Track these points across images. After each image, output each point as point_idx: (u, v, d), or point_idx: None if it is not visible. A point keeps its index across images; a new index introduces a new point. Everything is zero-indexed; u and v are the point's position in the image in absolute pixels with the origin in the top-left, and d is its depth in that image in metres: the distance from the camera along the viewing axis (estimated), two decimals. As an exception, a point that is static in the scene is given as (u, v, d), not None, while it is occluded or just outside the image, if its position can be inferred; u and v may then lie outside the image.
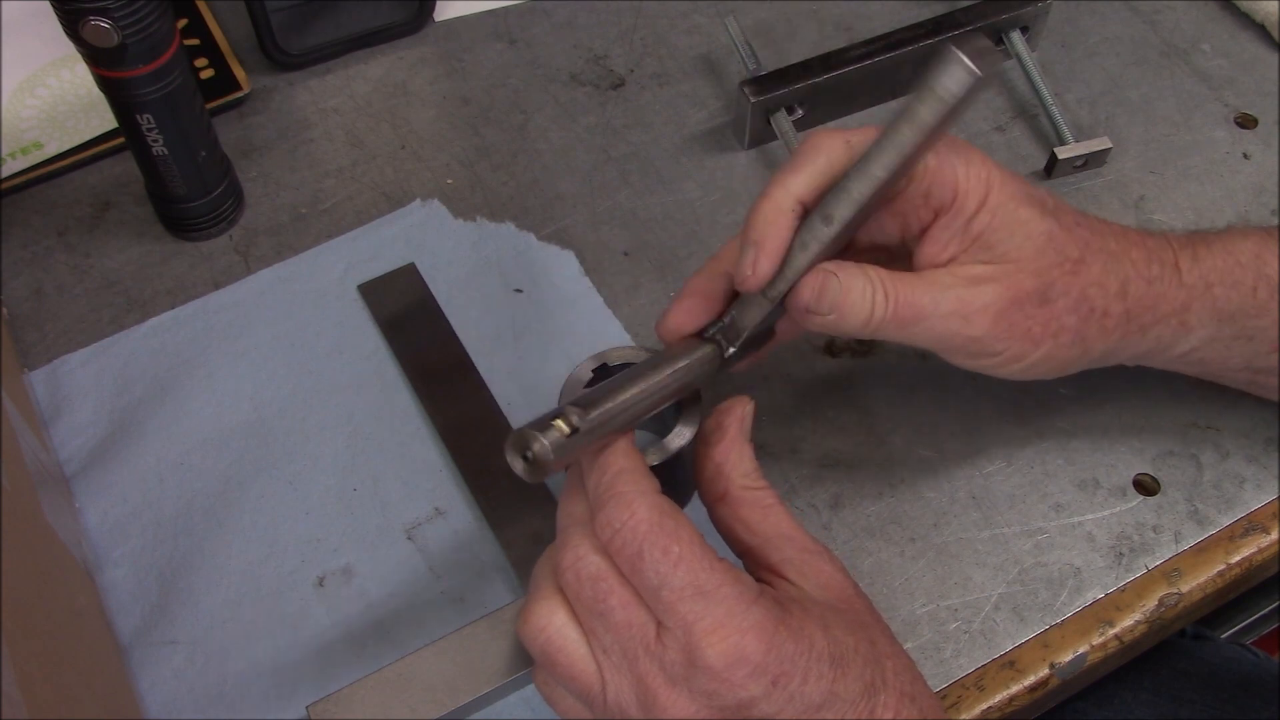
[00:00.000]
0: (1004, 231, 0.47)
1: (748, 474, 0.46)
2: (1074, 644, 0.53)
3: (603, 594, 0.41)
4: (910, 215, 0.48)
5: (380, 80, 0.72)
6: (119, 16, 0.53)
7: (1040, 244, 0.47)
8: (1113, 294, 0.48)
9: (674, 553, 0.40)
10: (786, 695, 0.40)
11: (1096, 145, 0.66)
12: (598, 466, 0.43)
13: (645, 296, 0.63)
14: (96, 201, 0.67)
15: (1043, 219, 0.47)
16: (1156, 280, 0.49)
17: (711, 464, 0.46)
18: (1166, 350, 0.51)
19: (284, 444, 0.58)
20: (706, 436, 0.47)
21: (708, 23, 0.74)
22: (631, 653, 0.41)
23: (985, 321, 0.47)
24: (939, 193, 0.47)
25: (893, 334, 0.47)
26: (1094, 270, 0.48)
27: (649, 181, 0.67)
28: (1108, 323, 0.49)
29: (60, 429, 0.58)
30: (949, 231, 0.47)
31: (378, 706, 0.49)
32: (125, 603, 0.53)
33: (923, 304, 0.46)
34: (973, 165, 0.47)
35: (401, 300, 0.62)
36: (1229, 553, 0.55)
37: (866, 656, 0.42)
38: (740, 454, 0.46)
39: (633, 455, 0.44)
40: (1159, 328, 0.50)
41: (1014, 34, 0.70)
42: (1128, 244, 0.50)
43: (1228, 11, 0.74)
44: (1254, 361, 0.51)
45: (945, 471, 0.57)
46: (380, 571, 0.54)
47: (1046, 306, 0.47)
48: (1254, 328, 0.50)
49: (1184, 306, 0.50)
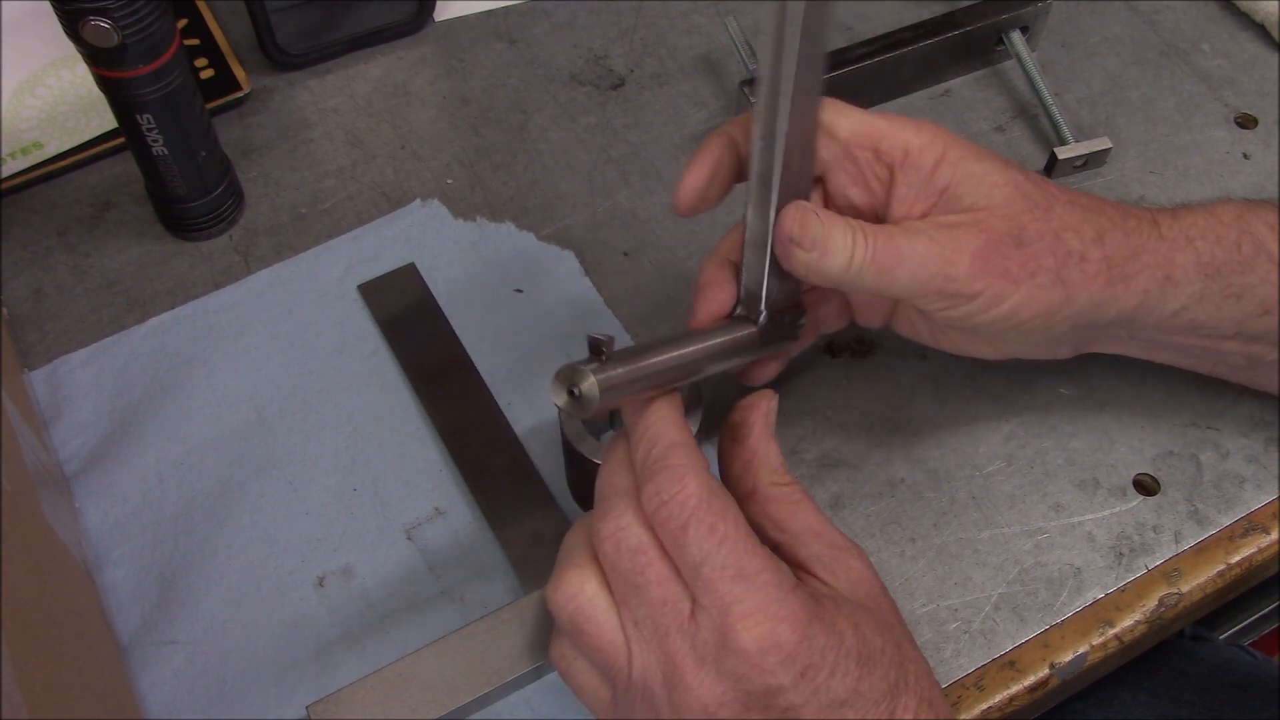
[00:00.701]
0: (969, 183, 0.49)
1: (775, 469, 0.46)
2: (1074, 644, 0.53)
3: (641, 566, 0.41)
4: (868, 173, 0.50)
5: (380, 80, 0.72)
6: (119, 16, 0.53)
7: (1008, 192, 0.49)
8: (1089, 240, 0.49)
9: (719, 531, 0.40)
10: (813, 687, 0.40)
11: (1096, 145, 0.66)
12: (648, 437, 0.43)
13: (645, 296, 0.63)
14: (96, 201, 0.67)
15: (1005, 170, 0.49)
16: (1134, 232, 0.50)
17: (739, 461, 0.46)
18: (1156, 309, 0.50)
19: (284, 444, 0.58)
20: (732, 433, 0.47)
21: (708, 23, 0.74)
22: (663, 628, 0.41)
23: (963, 261, 0.47)
24: (889, 149, 0.49)
25: (873, 279, 0.48)
26: (1067, 216, 0.49)
27: (649, 181, 0.67)
28: (1088, 267, 0.49)
29: (60, 429, 0.58)
30: (914, 189, 0.49)
31: (378, 706, 0.49)
32: (125, 603, 0.53)
33: (901, 247, 0.48)
34: (924, 127, 0.50)
35: (401, 300, 0.62)
36: (1229, 553, 0.55)
37: (892, 658, 0.42)
38: (767, 450, 0.46)
39: (685, 430, 0.44)
40: (1143, 278, 0.50)
41: (1014, 34, 0.70)
42: (1101, 202, 0.51)
43: (1228, 11, 0.74)
44: (1246, 325, 0.51)
45: (945, 471, 0.57)
46: (380, 571, 0.54)
47: (1022, 248, 0.48)
48: (1242, 285, 0.50)
49: (1167, 259, 0.50)
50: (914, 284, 0.48)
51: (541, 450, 0.57)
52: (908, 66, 0.69)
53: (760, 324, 0.51)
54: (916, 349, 0.60)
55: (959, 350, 0.55)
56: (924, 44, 0.68)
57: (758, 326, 0.51)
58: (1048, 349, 0.54)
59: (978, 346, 0.54)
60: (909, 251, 0.47)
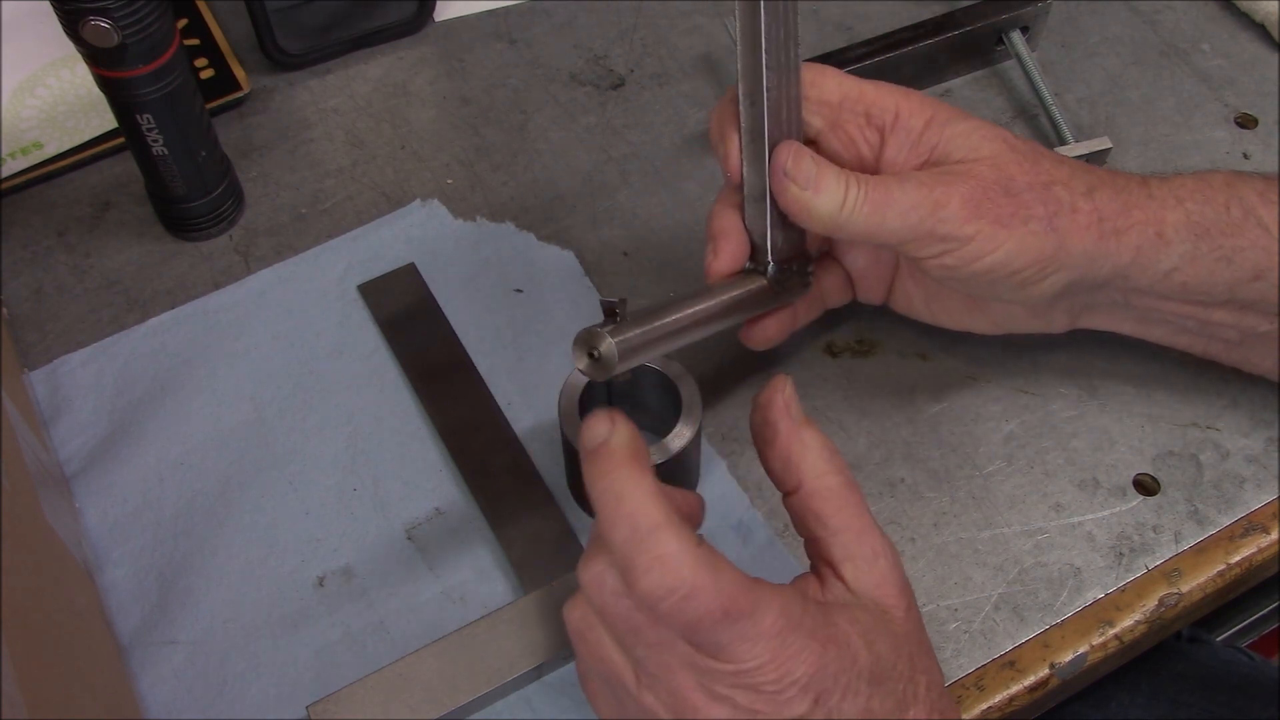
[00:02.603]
0: (958, 140, 0.50)
1: (817, 461, 0.44)
2: (1074, 644, 0.53)
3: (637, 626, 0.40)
4: (859, 137, 0.52)
5: (380, 80, 0.72)
6: (119, 16, 0.53)
7: (996, 146, 0.50)
8: (1079, 193, 0.50)
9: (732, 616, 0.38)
10: (825, 711, 0.40)
11: (1096, 145, 0.66)
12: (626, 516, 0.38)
13: (645, 296, 0.63)
14: (96, 201, 0.67)
15: (991, 127, 0.51)
16: (1124, 190, 0.51)
17: (777, 462, 0.44)
18: (1149, 267, 0.51)
19: (284, 444, 0.58)
20: (760, 436, 0.45)
21: (708, 23, 0.74)
22: (667, 665, 0.40)
23: (953, 202, 0.48)
24: (879, 113, 0.51)
25: (865, 220, 0.49)
26: (1055, 171, 0.50)
27: (649, 181, 0.67)
28: (1079, 218, 0.49)
29: (60, 429, 0.58)
30: (904, 149, 0.51)
31: (378, 706, 0.49)
32: (125, 603, 0.53)
33: (892, 189, 0.49)
34: (912, 95, 0.51)
35: (401, 300, 0.62)
36: (1229, 553, 0.55)
37: (903, 672, 0.42)
38: (803, 443, 0.44)
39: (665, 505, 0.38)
40: (1134, 233, 0.50)
41: (1014, 34, 0.70)
42: (1088, 165, 0.52)
43: (1228, 11, 0.74)
44: (1237, 290, 0.51)
45: (945, 471, 0.57)
46: (380, 571, 0.54)
47: (1012, 197, 0.49)
48: (1231, 247, 0.50)
49: (1158, 217, 0.50)
50: (905, 227, 0.49)
51: (541, 450, 0.57)
52: (908, 66, 0.69)
53: (770, 275, 0.52)
54: (916, 349, 0.60)
55: (955, 323, 0.56)
56: (924, 44, 0.68)
57: (767, 278, 0.52)
58: (1043, 317, 0.54)
59: (973, 317, 0.55)
60: (900, 193, 0.49)
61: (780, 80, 0.49)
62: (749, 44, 0.48)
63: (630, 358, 0.46)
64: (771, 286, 0.52)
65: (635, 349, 0.46)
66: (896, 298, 0.57)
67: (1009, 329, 0.56)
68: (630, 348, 0.46)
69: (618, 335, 0.46)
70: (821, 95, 0.51)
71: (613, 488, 0.38)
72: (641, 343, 0.47)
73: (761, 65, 0.48)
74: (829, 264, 0.57)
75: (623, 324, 0.47)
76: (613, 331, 0.46)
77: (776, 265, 0.52)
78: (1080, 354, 0.59)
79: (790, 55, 0.49)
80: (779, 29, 0.48)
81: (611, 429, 0.40)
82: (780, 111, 0.50)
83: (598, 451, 0.39)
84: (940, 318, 0.56)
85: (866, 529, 0.44)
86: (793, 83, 0.50)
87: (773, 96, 0.49)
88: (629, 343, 0.46)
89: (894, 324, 0.60)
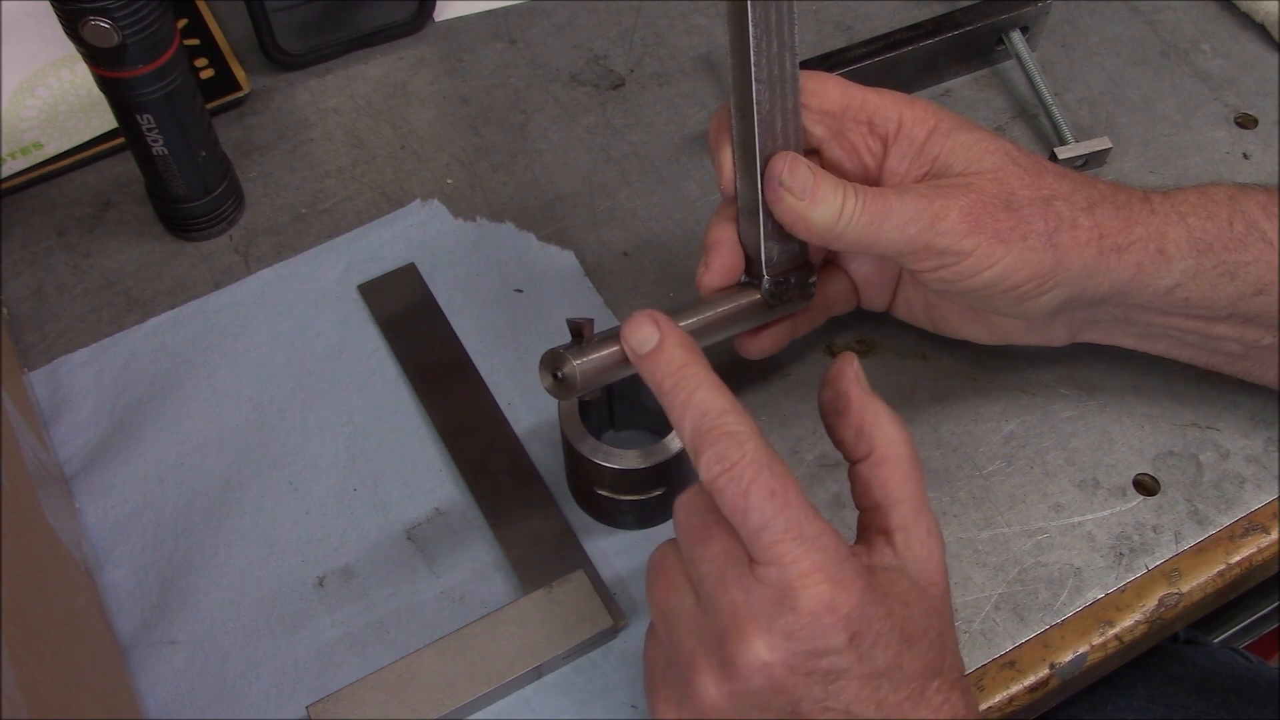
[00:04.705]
0: (959, 152, 0.50)
1: (891, 427, 0.45)
2: (1074, 644, 0.53)
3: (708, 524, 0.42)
4: (860, 146, 0.51)
5: (380, 80, 0.72)
6: (119, 16, 0.53)
7: (998, 159, 0.50)
8: (1080, 208, 0.50)
9: (780, 497, 0.40)
10: (858, 654, 0.40)
11: (1096, 145, 0.66)
12: (695, 406, 0.42)
13: (645, 296, 0.63)
14: (96, 201, 0.67)
15: (996, 139, 0.50)
16: (1125, 205, 0.50)
17: (850, 430, 0.45)
18: (1150, 284, 0.50)
19: (284, 444, 0.58)
20: (832, 407, 0.46)
21: (708, 23, 0.74)
22: (723, 580, 0.41)
23: (951, 215, 0.48)
24: (882, 122, 0.51)
25: (862, 231, 0.48)
26: (1057, 185, 0.50)
27: (649, 181, 0.67)
28: (1079, 234, 0.49)
29: (60, 429, 0.58)
30: (906, 159, 0.51)
31: (378, 706, 0.49)
32: (125, 603, 0.53)
33: (890, 201, 0.48)
34: (915, 104, 0.51)
35: (401, 300, 0.62)
36: (1229, 553, 0.55)
37: (933, 641, 0.42)
38: (876, 413, 0.45)
39: (730, 394, 0.43)
40: (1136, 250, 0.50)
41: (1014, 34, 0.70)
42: (1091, 178, 0.52)
43: (1228, 11, 0.74)
44: (1240, 305, 0.51)
45: (945, 471, 0.57)
46: (380, 571, 0.54)
47: (1012, 212, 0.49)
48: (1234, 262, 0.50)
49: (1160, 233, 0.50)
50: (903, 239, 0.48)
51: (541, 450, 0.57)
52: (908, 66, 0.69)
53: (765, 289, 0.51)
54: (916, 349, 0.60)
55: (955, 332, 0.55)
56: (924, 44, 0.68)
57: (762, 291, 0.52)
58: (1042, 331, 0.54)
59: (973, 327, 0.55)
60: (898, 205, 0.48)
61: (773, 93, 0.48)
62: (739, 59, 0.48)
63: (594, 380, 0.45)
64: (766, 300, 0.52)
65: (600, 370, 0.45)
66: (898, 305, 0.57)
67: (1009, 340, 0.56)
68: (594, 369, 0.45)
69: (580, 357, 0.45)
70: (823, 104, 0.51)
71: (680, 387, 0.42)
72: (607, 364, 0.45)
73: (751, 80, 0.47)
74: (834, 272, 0.57)
75: (588, 345, 0.45)
76: (575, 353, 0.45)
77: (772, 279, 0.52)
78: (1080, 354, 0.59)
79: (785, 67, 0.48)
80: (771, 42, 0.47)
81: (657, 330, 0.43)
82: (774, 124, 0.49)
83: (654, 356, 0.43)
84: (940, 326, 0.56)
85: (924, 505, 0.44)
86: (789, 94, 0.49)
87: (764, 110, 0.48)
88: (592, 364, 0.45)
89: (894, 324, 0.60)
